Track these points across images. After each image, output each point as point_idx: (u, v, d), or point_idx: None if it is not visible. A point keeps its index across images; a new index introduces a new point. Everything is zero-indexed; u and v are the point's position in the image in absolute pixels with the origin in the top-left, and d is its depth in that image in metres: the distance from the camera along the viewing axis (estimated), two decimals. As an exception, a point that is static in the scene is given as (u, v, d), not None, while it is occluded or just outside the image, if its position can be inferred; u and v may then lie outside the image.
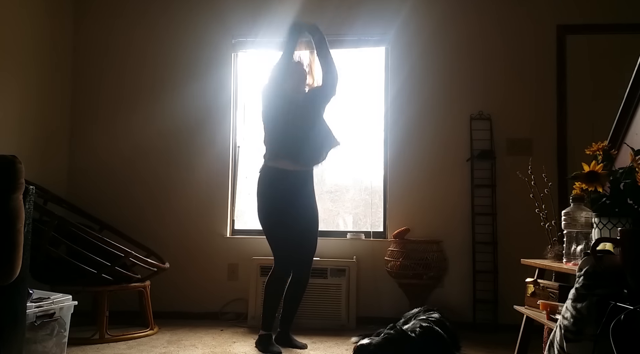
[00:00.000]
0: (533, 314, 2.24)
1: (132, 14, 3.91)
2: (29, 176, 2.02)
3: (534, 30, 3.60)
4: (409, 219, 3.57)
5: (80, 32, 3.92)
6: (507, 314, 3.21)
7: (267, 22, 3.79)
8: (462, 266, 3.50)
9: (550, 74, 3.56)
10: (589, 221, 1.98)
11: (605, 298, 1.36)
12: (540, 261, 2.36)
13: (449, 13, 3.70)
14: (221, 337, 3.09)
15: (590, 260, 1.45)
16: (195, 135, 3.80)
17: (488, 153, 3.52)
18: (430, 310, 2.64)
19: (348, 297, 3.41)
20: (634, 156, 1.88)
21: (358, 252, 3.59)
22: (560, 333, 1.45)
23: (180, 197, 3.77)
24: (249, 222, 3.81)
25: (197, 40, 3.86)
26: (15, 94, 3.33)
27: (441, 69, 3.66)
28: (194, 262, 3.70)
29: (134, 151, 3.82)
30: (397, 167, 3.66)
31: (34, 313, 2.26)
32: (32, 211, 1.95)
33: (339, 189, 3.93)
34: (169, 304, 3.61)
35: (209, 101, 3.82)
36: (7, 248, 1.69)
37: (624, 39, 3.49)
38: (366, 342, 2.27)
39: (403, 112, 3.68)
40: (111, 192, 3.78)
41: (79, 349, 2.72)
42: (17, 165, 1.75)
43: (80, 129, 3.88)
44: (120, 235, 3.55)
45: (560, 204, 2.84)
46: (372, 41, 3.79)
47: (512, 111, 3.58)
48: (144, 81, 3.87)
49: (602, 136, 2.35)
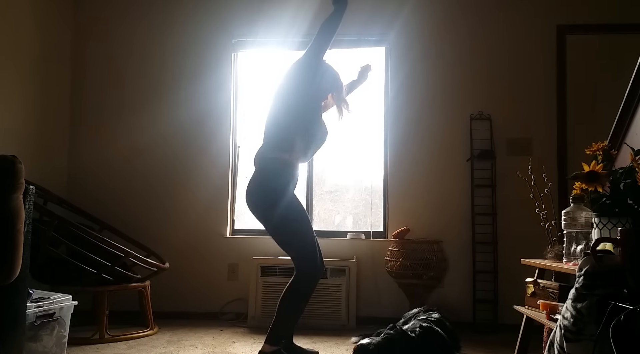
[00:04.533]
0: (533, 314, 2.24)
1: (133, 14, 3.92)
2: (29, 176, 2.02)
3: (533, 30, 3.60)
4: (409, 219, 3.57)
5: (81, 32, 3.92)
6: (507, 314, 3.22)
7: (267, 22, 3.79)
8: (462, 266, 3.50)
9: (550, 74, 3.56)
10: (589, 221, 1.98)
11: (605, 298, 1.36)
12: (540, 261, 2.36)
13: (449, 13, 3.70)
14: (221, 337, 3.10)
15: (590, 260, 1.45)
16: (195, 135, 3.80)
17: (488, 153, 3.52)
18: (430, 310, 2.64)
19: (348, 297, 3.41)
20: (634, 156, 1.88)
21: (358, 252, 3.59)
22: (560, 333, 1.45)
23: (181, 197, 3.77)
24: (249, 222, 3.81)
25: (197, 40, 3.86)
26: (16, 94, 3.33)
27: (441, 69, 3.67)
28: (194, 262, 3.70)
29: (134, 150, 3.82)
30: (397, 167, 3.66)
31: (34, 313, 2.26)
32: (32, 211, 1.95)
33: (339, 189, 3.93)
34: (169, 304, 3.61)
35: (209, 101, 3.82)
36: (7, 248, 1.69)
37: (624, 39, 3.49)
38: (366, 342, 2.27)
39: (403, 112, 3.68)
40: (111, 192, 3.79)
41: (79, 349, 2.72)
42: (17, 165, 1.75)
43: (80, 129, 3.88)
44: (120, 235, 3.55)
45: (560, 204, 2.84)
46: (372, 41, 3.79)
47: (512, 111, 3.58)
48: (144, 81, 3.87)
49: (602, 136, 2.35)
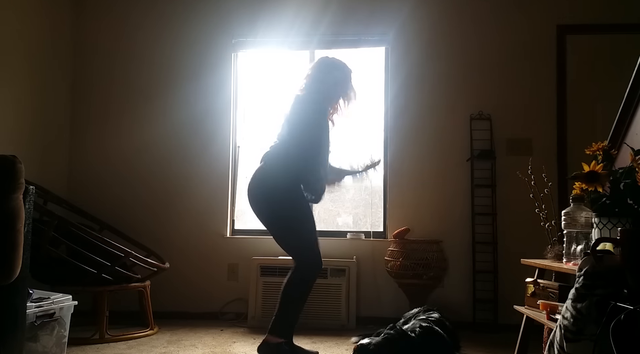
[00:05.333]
0: (533, 314, 2.24)
1: (133, 14, 3.91)
2: (29, 176, 2.02)
3: (534, 31, 3.60)
4: (409, 219, 3.57)
5: (81, 32, 3.92)
6: (507, 314, 3.21)
7: (267, 22, 3.79)
8: (462, 266, 3.50)
9: (550, 74, 3.56)
10: (589, 221, 1.98)
11: (605, 298, 1.36)
12: (540, 261, 2.36)
13: (448, 13, 3.70)
14: (221, 337, 3.09)
15: (590, 260, 1.45)
16: (195, 135, 3.80)
17: (488, 153, 3.52)
18: (430, 310, 2.64)
19: (348, 297, 3.41)
20: (634, 156, 1.88)
21: (358, 252, 3.59)
22: (560, 333, 1.45)
23: (181, 197, 3.77)
24: (249, 223, 3.81)
25: (197, 40, 3.86)
26: (16, 94, 3.33)
27: (441, 69, 3.66)
28: (194, 262, 3.70)
29: (134, 150, 3.82)
30: (397, 167, 3.66)
31: (34, 313, 2.26)
32: (32, 211, 1.95)
33: (339, 189, 3.92)
34: (169, 304, 3.60)
35: (209, 100, 3.82)
36: (7, 248, 1.69)
37: (624, 39, 3.49)
38: (366, 342, 2.27)
39: (403, 112, 3.68)
40: (111, 192, 3.79)
41: (79, 349, 2.72)
42: (17, 165, 1.75)
43: (80, 129, 3.88)
44: (120, 235, 3.55)
45: (560, 204, 2.84)
46: (372, 41, 3.80)
47: (512, 111, 3.58)
48: (144, 81, 3.87)
49: (602, 136, 2.35)
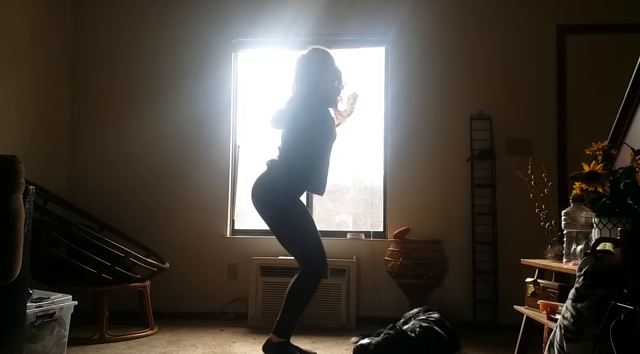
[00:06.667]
0: (533, 314, 2.24)
1: (133, 14, 3.91)
2: (29, 176, 2.02)
3: (534, 30, 3.60)
4: (409, 219, 3.57)
5: (81, 31, 3.92)
6: (507, 314, 3.21)
7: (267, 22, 3.79)
8: (462, 266, 3.50)
9: (550, 74, 3.56)
10: (589, 221, 1.98)
11: (605, 298, 1.36)
12: (540, 261, 2.36)
13: (449, 13, 3.69)
14: (221, 337, 3.09)
15: (590, 260, 1.45)
16: (195, 135, 3.80)
17: (488, 153, 3.52)
18: (430, 310, 2.64)
19: (348, 297, 3.41)
20: (634, 156, 1.88)
21: (358, 252, 3.59)
22: (560, 333, 1.45)
23: (181, 197, 3.77)
24: (249, 223, 3.81)
25: (197, 40, 3.86)
26: (15, 94, 3.33)
27: (441, 69, 3.66)
28: (194, 262, 3.70)
29: (134, 150, 3.82)
30: (397, 167, 3.66)
31: (34, 313, 2.26)
32: (32, 211, 1.95)
33: (339, 189, 3.93)
34: (169, 304, 3.60)
35: (209, 100, 3.82)
36: (7, 248, 1.69)
37: (624, 39, 3.49)
38: (366, 342, 2.27)
39: (403, 112, 3.68)
40: (111, 192, 3.78)
41: (79, 349, 2.72)
42: (17, 165, 1.75)
43: (80, 129, 3.88)
44: (120, 235, 3.55)
45: (560, 204, 2.84)
46: (372, 41, 3.79)
47: (512, 111, 3.58)
48: (144, 81, 3.87)
49: (602, 136, 2.35)
